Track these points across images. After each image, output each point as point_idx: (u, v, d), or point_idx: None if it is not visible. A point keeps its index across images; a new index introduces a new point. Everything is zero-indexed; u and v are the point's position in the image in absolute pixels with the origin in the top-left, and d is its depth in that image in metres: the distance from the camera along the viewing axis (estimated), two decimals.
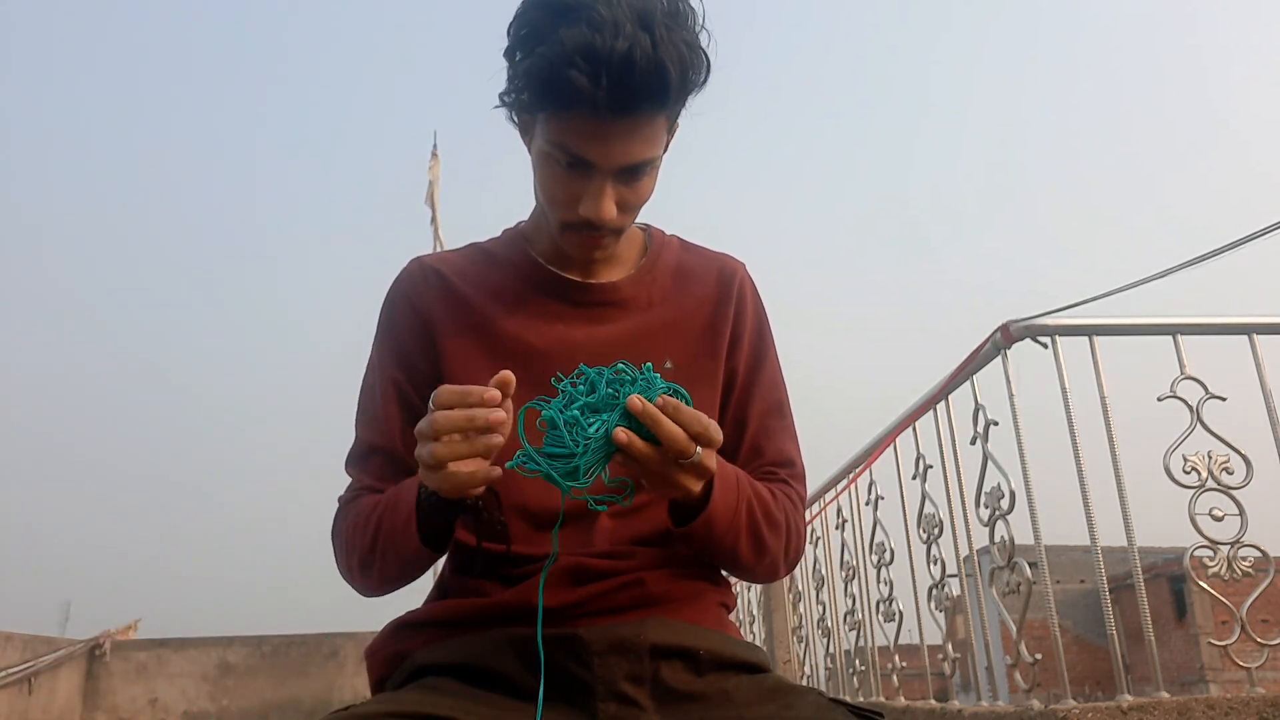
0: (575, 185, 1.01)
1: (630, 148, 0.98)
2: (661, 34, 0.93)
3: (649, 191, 1.06)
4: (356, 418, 1.15)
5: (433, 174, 7.23)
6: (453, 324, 1.11)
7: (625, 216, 1.05)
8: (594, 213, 1.01)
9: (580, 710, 0.94)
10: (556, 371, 1.07)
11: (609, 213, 1.01)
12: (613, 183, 1.01)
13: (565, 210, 1.04)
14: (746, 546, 1.03)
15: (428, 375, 1.10)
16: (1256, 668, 2.28)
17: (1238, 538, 2.33)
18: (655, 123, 0.99)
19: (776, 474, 1.15)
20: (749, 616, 5.56)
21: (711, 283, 1.18)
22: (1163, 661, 2.44)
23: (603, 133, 0.96)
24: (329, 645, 9.45)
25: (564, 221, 1.05)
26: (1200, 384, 2.45)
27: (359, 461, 1.12)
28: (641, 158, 1.00)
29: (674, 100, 0.98)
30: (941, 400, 2.96)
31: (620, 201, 1.02)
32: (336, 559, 1.11)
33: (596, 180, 1.00)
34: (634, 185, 1.02)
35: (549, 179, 1.04)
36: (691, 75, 0.97)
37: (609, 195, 1.01)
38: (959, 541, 2.90)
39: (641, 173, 1.02)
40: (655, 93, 0.94)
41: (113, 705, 8.98)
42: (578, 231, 1.05)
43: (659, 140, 1.01)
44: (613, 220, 1.03)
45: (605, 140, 0.97)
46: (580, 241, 1.07)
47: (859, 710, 0.97)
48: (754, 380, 1.17)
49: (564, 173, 1.01)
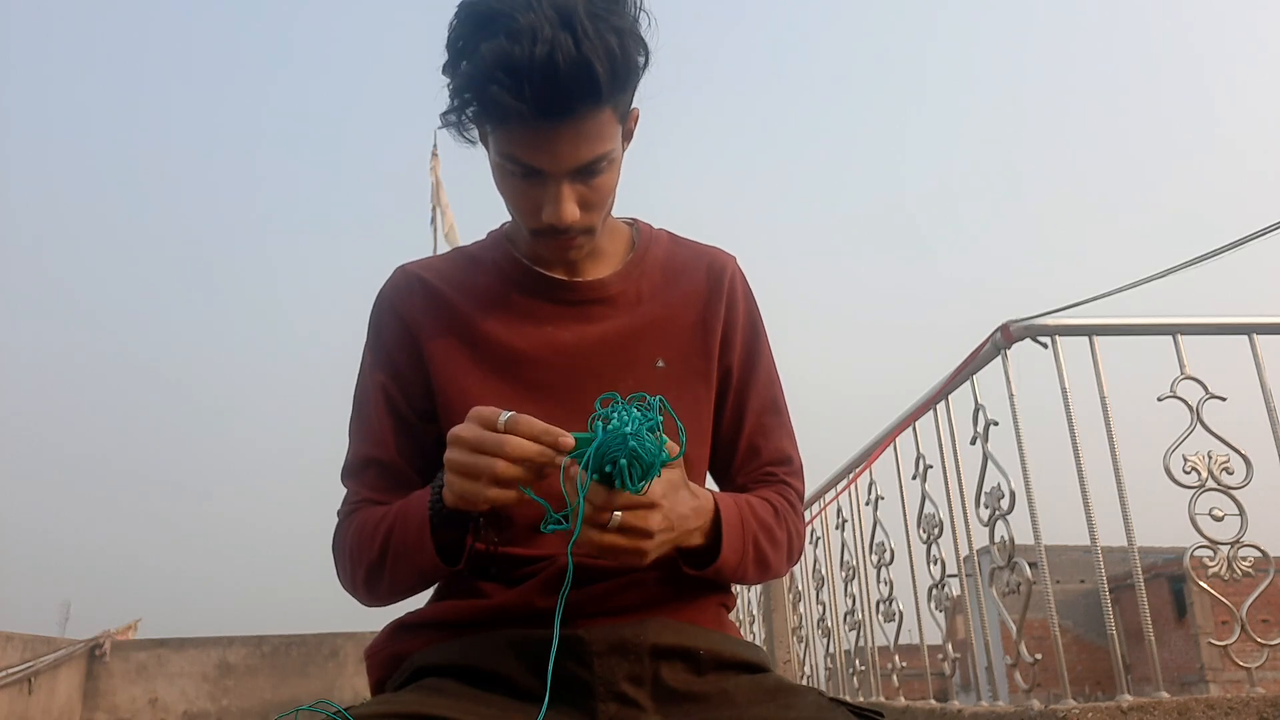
0: (534, 193, 1.00)
1: (577, 149, 0.96)
2: (584, 29, 0.90)
3: (610, 186, 1.04)
4: (350, 428, 1.14)
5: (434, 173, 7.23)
6: (438, 330, 1.10)
7: (591, 215, 1.03)
8: (555, 218, 0.99)
9: (580, 710, 0.94)
10: (543, 374, 1.07)
11: (570, 215, 1.00)
12: (569, 184, 0.99)
13: (530, 218, 1.03)
14: (753, 573, 1.06)
15: (416, 383, 1.10)
16: (1256, 668, 2.28)
17: (1238, 538, 2.33)
18: (599, 118, 0.96)
19: (775, 474, 1.15)
20: (749, 616, 5.56)
21: (701, 278, 1.16)
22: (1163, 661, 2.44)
23: (546, 139, 0.95)
24: (329, 645, 9.45)
25: (532, 229, 1.04)
26: (1200, 384, 2.45)
27: (355, 474, 1.12)
28: (592, 155, 0.98)
29: (610, 93, 0.94)
30: (941, 400, 2.96)
31: (582, 201, 1.01)
32: (339, 572, 1.11)
33: (552, 185, 0.99)
34: (592, 183, 1.00)
35: (507, 190, 1.03)
36: (623, 66, 0.94)
37: (568, 197, 0.99)
38: (959, 541, 2.90)
39: (597, 169, 1.00)
40: (586, 91, 0.92)
41: (113, 705, 8.97)
42: (548, 237, 1.04)
43: (609, 134, 0.99)
44: (577, 221, 1.01)
45: (550, 146, 0.95)
46: (552, 246, 1.05)
47: (859, 710, 0.97)
48: (749, 378, 1.16)
49: (520, 183, 1.00)
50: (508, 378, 1.08)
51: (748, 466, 1.15)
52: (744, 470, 1.15)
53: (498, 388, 1.07)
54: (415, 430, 1.10)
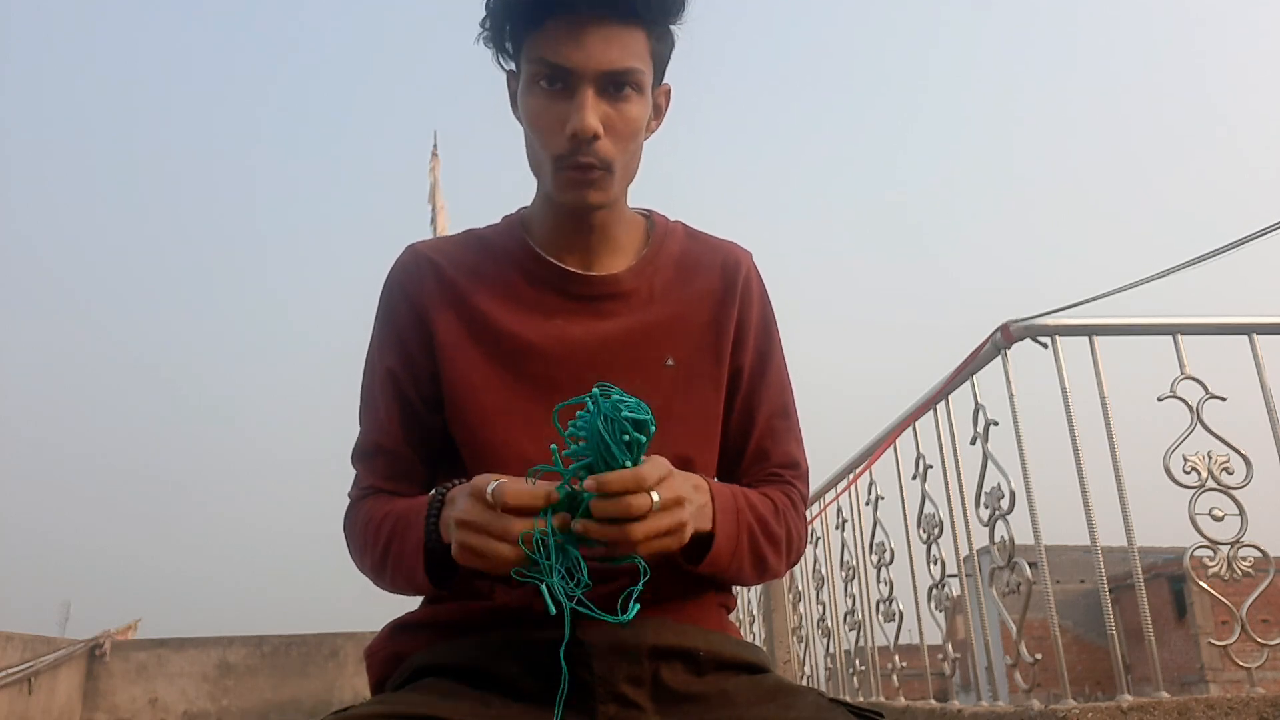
0: (560, 107, 1.00)
1: (609, 51, 0.98)
2: None
3: (637, 119, 1.03)
4: (359, 410, 1.14)
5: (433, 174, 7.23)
6: (448, 317, 1.09)
7: (615, 145, 1.02)
8: (580, 125, 0.98)
9: (580, 711, 0.94)
10: (550, 368, 1.07)
11: (593, 123, 0.99)
12: (596, 96, 0.99)
13: (552, 140, 1.01)
14: (749, 570, 1.04)
15: (425, 369, 1.09)
16: (1256, 668, 2.28)
17: (1238, 538, 2.33)
18: (633, 33, 0.99)
19: (781, 476, 1.14)
20: (749, 616, 5.56)
21: (716, 275, 1.15)
22: (1163, 661, 2.44)
23: (580, 36, 0.97)
24: (329, 645, 9.45)
25: (554, 155, 1.02)
26: (1200, 384, 2.45)
27: (364, 459, 1.12)
28: (623, 64, 0.99)
29: (650, 8, 0.99)
30: (941, 400, 2.96)
31: (606, 122, 1.00)
32: (350, 553, 1.11)
33: (579, 93, 0.99)
34: (619, 106, 1.01)
35: (534, 110, 1.02)
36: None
37: (591, 106, 0.99)
38: (959, 541, 2.90)
39: (624, 84, 1.00)
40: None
41: (113, 705, 8.97)
42: (569, 167, 1.02)
43: (640, 53, 1.01)
44: (600, 145, 1.00)
45: (583, 44, 0.98)
46: (573, 179, 1.02)
47: (859, 710, 0.97)
48: (760, 381, 1.15)
49: (547, 98, 1.00)
50: (513, 370, 1.07)
51: (754, 469, 1.14)
52: (749, 473, 1.14)
53: (503, 380, 1.06)
54: (423, 418, 1.10)
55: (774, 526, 1.06)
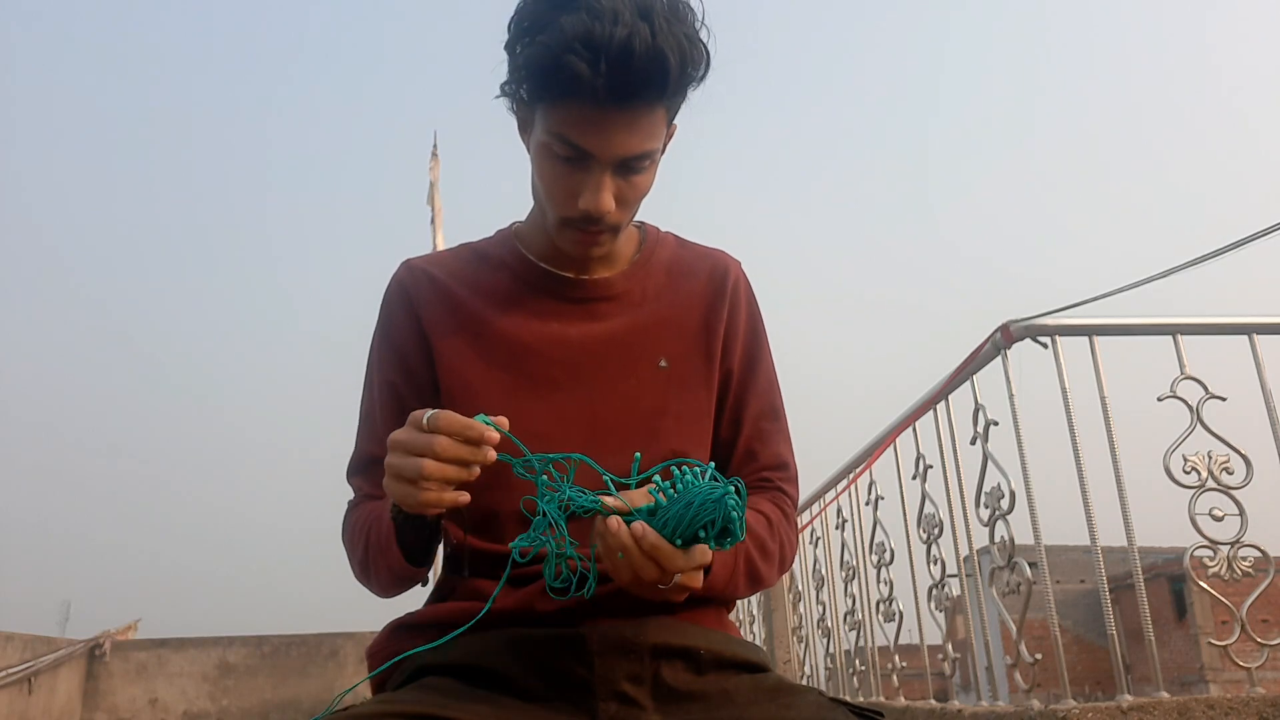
0: (574, 179, 1.01)
1: (630, 139, 0.98)
2: (661, 25, 0.93)
3: (647, 186, 1.05)
4: (357, 429, 1.16)
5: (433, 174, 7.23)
6: (447, 326, 1.11)
7: (623, 212, 1.04)
8: (593, 205, 1.00)
9: (581, 710, 0.94)
10: (547, 368, 1.07)
11: (607, 205, 1.01)
12: (611, 175, 1.00)
13: (563, 205, 1.03)
14: (744, 588, 1.06)
15: (426, 380, 1.11)
16: (1256, 668, 2.28)
17: (1238, 538, 2.33)
18: (655, 114, 0.98)
19: (771, 480, 1.15)
20: (749, 616, 5.56)
21: (705, 280, 1.17)
22: (1163, 661, 2.44)
23: (602, 123, 0.96)
24: (329, 645, 9.45)
25: (563, 217, 1.04)
26: (1200, 384, 2.45)
27: (360, 471, 1.13)
28: (640, 149, 0.99)
29: (673, 91, 0.97)
30: (941, 400, 2.96)
31: (619, 195, 1.02)
32: (350, 565, 1.13)
33: (595, 173, 1.00)
34: (632, 179, 1.02)
35: (547, 173, 1.03)
36: (690, 68, 0.97)
37: (607, 188, 1.00)
38: (959, 541, 2.90)
39: (640, 166, 1.01)
40: (655, 81, 0.94)
41: (112, 705, 8.97)
42: (576, 228, 1.04)
43: (658, 133, 1.01)
44: (611, 214, 1.02)
45: (604, 131, 0.97)
46: (578, 239, 1.06)
47: (859, 710, 0.97)
48: (748, 383, 1.17)
49: (562, 166, 1.01)
50: (511, 370, 1.08)
51: (743, 470, 1.15)
52: (739, 474, 1.14)
53: (500, 380, 1.08)
54: None
55: (769, 545, 1.08)
